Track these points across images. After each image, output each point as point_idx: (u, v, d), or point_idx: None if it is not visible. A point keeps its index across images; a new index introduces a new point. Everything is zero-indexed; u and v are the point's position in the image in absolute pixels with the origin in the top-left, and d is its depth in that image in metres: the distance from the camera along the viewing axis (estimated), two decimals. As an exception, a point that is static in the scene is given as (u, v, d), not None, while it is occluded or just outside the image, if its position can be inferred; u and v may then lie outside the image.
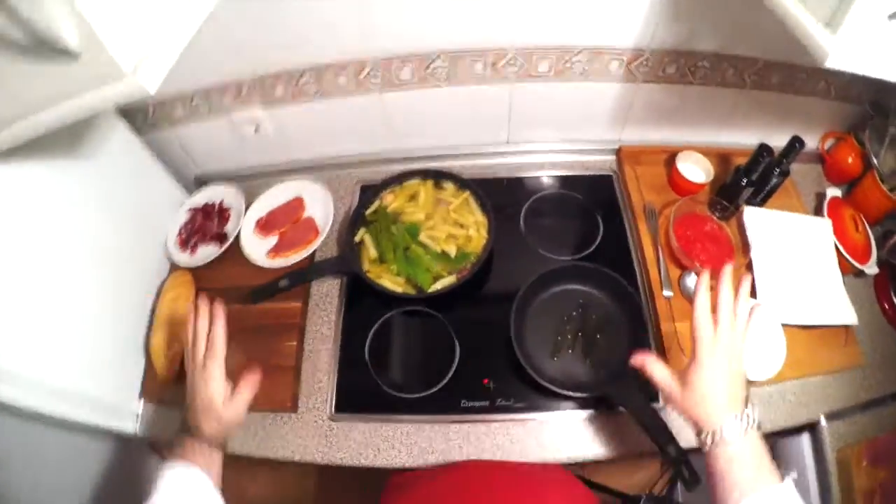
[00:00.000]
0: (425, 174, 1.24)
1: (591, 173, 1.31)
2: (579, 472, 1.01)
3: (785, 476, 0.61)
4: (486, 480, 0.87)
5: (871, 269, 1.11)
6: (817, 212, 1.21)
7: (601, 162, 1.33)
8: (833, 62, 0.65)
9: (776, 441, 1.11)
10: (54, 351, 0.94)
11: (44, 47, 0.56)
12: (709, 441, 0.65)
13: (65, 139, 0.99)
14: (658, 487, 1.30)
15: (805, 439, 1.05)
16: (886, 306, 1.11)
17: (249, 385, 0.83)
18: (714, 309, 0.72)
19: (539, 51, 1.10)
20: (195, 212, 1.30)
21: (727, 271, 0.73)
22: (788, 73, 1.13)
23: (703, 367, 0.69)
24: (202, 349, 0.82)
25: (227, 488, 0.75)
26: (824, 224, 1.14)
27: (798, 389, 1.04)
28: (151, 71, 0.66)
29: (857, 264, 1.10)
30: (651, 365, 0.75)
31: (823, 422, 1.01)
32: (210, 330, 0.83)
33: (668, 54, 1.10)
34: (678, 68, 1.12)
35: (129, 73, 0.63)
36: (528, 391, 1.03)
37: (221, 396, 0.78)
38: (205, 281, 1.22)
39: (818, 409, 1.02)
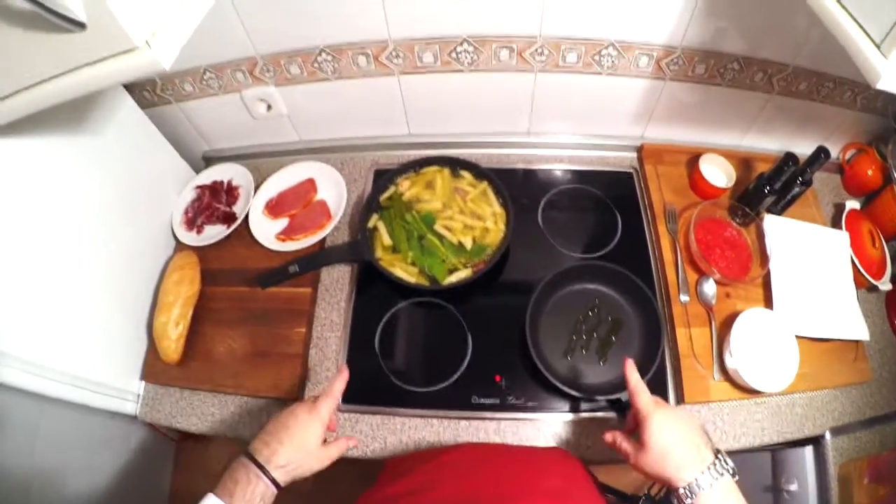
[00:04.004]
0: (443, 162, 1.21)
1: (612, 169, 1.29)
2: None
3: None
4: (484, 460, 0.86)
5: (885, 285, 1.12)
6: (835, 223, 1.20)
7: (622, 158, 1.31)
8: (885, 84, 0.64)
9: (778, 451, 1.12)
10: (54, 332, 0.92)
11: (48, 16, 0.53)
12: (689, 495, 0.63)
13: (69, 113, 0.94)
14: (655, 489, 1.31)
15: (808, 451, 1.05)
16: (896, 322, 1.12)
17: (345, 444, 0.83)
18: None
19: (569, 41, 1.07)
20: (203, 190, 1.25)
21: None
22: (816, 81, 1.12)
23: (653, 421, 0.69)
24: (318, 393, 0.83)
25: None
26: (842, 237, 1.13)
27: (806, 402, 1.04)
28: (166, 44, 0.63)
29: (871, 280, 1.10)
30: (619, 440, 0.75)
31: (828, 436, 1.02)
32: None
33: (699, 53, 1.07)
34: (707, 68, 1.10)
35: (141, 46, 0.60)
36: (540, 390, 1.02)
37: (317, 438, 0.77)
38: (211, 262, 1.19)
39: (824, 422, 1.03)
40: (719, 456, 0.66)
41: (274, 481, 0.70)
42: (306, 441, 0.75)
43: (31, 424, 1.17)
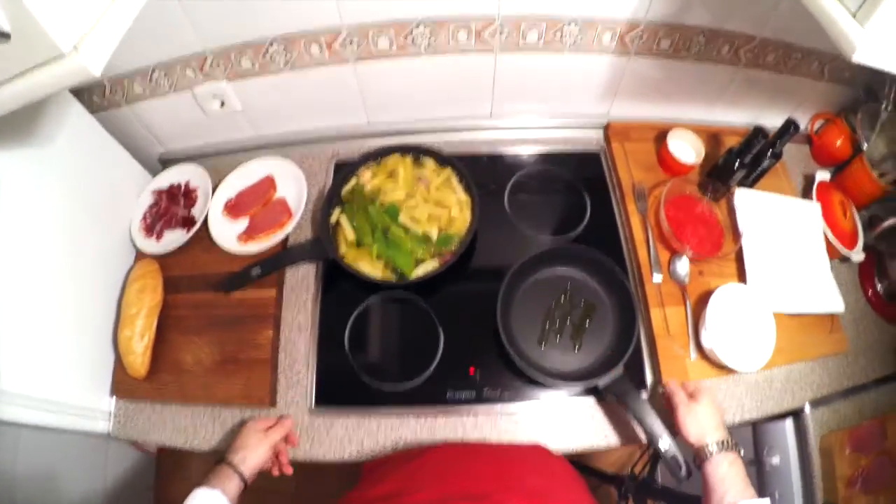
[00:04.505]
0: (405, 150, 1.17)
1: (578, 150, 1.26)
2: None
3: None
4: (463, 461, 0.86)
5: (858, 255, 1.11)
6: (805, 194, 1.19)
7: (588, 138, 1.28)
8: (861, 56, 0.61)
9: (760, 426, 1.11)
10: (14, 355, 0.87)
11: None
12: (713, 450, 0.81)
13: (13, 122, 0.89)
14: (639, 468, 1.31)
15: (788, 424, 1.05)
16: (870, 292, 1.12)
17: (286, 423, 0.97)
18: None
19: (528, 19, 1.03)
20: (160, 194, 1.20)
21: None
22: (784, 53, 1.10)
23: (705, 396, 0.89)
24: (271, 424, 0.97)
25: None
26: (814, 208, 1.12)
27: (784, 376, 1.04)
28: (95, 49, 0.60)
29: (844, 250, 1.09)
30: (677, 390, 0.91)
31: (808, 409, 1.02)
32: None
33: (664, 27, 1.05)
34: (672, 42, 1.07)
35: (68, 53, 0.57)
36: (516, 380, 1.01)
37: (255, 431, 0.94)
38: (172, 269, 1.14)
39: (803, 395, 1.03)
40: (731, 438, 0.83)
41: (236, 469, 0.86)
42: (246, 433, 0.93)
43: (10, 440, 1.14)
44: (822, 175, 1.18)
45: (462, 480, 0.76)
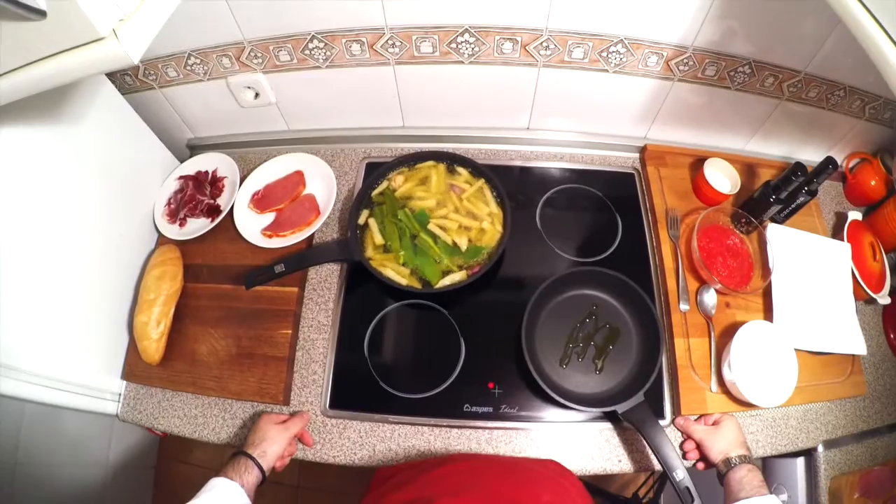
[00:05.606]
0: (439, 157, 1.16)
1: (613, 170, 1.25)
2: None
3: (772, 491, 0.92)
4: (479, 473, 0.86)
5: (884, 299, 1.10)
6: (836, 231, 1.18)
7: (624, 159, 1.27)
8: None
9: (770, 462, 1.11)
10: (29, 332, 0.87)
11: (4, 3, 0.48)
12: (736, 462, 0.88)
13: (43, 99, 0.88)
14: (643, 491, 1.31)
15: (800, 463, 1.05)
16: (892, 336, 1.11)
17: (300, 419, 0.98)
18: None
19: (576, 36, 1.02)
20: (186, 180, 1.19)
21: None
22: (827, 89, 1.08)
23: (728, 418, 0.96)
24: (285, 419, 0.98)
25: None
26: (844, 248, 1.11)
27: (801, 415, 1.03)
28: (134, 35, 0.59)
29: (871, 293, 1.09)
30: (692, 423, 0.97)
31: (821, 449, 1.01)
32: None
33: (710, 55, 1.03)
34: (718, 70, 1.06)
35: (107, 37, 0.56)
36: (535, 399, 1.00)
37: (272, 425, 0.94)
38: (194, 256, 1.14)
39: (818, 435, 1.03)
40: (749, 453, 0.91)
41: (256, 462, 0.87)
42: (265, 426, 0.93)
43: (13, 416, 1.13)
44: (854, 215, 1.17)
45: (476, 496, 0.76)
